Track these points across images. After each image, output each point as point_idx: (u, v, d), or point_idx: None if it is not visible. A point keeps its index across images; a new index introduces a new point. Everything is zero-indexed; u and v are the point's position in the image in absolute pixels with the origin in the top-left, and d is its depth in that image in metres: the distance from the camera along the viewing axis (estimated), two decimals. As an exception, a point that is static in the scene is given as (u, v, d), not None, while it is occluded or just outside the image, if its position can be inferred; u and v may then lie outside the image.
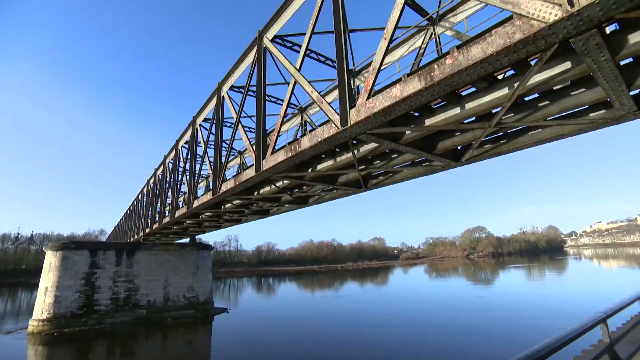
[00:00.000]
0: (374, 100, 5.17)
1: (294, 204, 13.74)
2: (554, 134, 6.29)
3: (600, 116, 5.57)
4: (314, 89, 6.63)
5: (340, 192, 11.56)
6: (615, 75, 4.09)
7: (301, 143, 7.00)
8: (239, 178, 10.14)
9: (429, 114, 6.08)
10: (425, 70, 4.45)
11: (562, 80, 4.64)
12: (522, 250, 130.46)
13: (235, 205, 14.44)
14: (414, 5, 7.83)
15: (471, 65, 3.97)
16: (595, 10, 3.06)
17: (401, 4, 4.91)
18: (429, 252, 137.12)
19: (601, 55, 3.74)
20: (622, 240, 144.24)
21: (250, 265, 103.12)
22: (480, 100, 5.29)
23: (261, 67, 8.76)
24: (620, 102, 4.80)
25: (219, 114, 11.84)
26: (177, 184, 18.00)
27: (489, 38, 3.81)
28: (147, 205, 26.28)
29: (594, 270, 59.64)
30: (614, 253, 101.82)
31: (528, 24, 3.48)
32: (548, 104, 5.46)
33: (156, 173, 23.68)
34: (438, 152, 7.19)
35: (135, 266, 27.39)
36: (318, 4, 6.71)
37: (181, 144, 17.57)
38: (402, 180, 9.50)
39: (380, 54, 5.09)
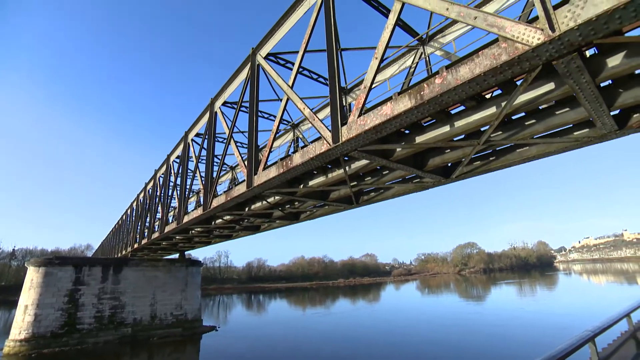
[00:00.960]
0: (365, 117, 5.25)
1: (286, 220, 13.65)
2: (540, 152, 6.44)
3: (584, 135, 5.74)
4: (306, 105, 6.71)
5: (332, 208, 11.54)
6: (596, 96, 4.25)
7: (293, 159, 7.01)
8: (230, 193, 10.06)
9: (419, 132, 6.19)
10: (415, 89, 4.55)
11: (546, 100, 4.79)
12: (513, 266, 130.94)
13: (226, 220, 14.28)
14: (404, 26, 8.08)
15: (460, 85, 4.07)
16: (575, 35, 3.21)
17: (392, 25, 5.08)
18: (421, 268, 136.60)
19: (582, 77, 3.89)
20: (609, 255, 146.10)
21: (240, 281, 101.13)
22: (469, 119, 5.41)
23: (254, 83, 8.85)
24: (602, 122, 4.97)
25: (212, 129, 11.84)
26: (168, 199, 17.76)
27: (476, 59, 3.93)
28: (136, 219, 25.80)
29: (584, 286, 60.03)
30: (603, 268, 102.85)
31: (513, 47, 3.61)
32: (534, 123, 5.62)
33: (146, 187, 23.38)
34: (428, 169, 7.28)
35: (122, 282, 26.55)
36: (311, 23, 6.88)
37: (172, 159, 17.46)
38: (393, 196, 9.55)
39: (371, 72, 5.20)
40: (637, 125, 5.23)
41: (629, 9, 2.87)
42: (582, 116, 5.11)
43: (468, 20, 4.05)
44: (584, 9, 3.08)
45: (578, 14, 3.12)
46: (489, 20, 3.83)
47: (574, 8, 3.15)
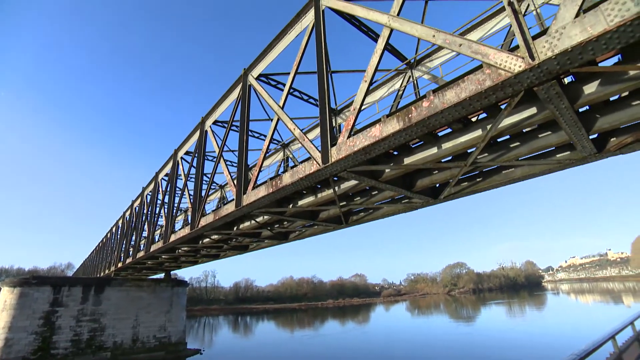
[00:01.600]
0: (354, 139, 5.32)
1: (274, 240, 13.48)
2: (525, 173, 6.61)
3: (566, 157, 5.93)
4: (297, 126, 6.78)
5: (321, 228, 11.47)
6: (575, 120, 4.43)
7: (283, 179, 7.02)
8: (219, 213, 9.94)
9: (407, 153, 6.28)
10: (404, 112, 4.66)
11: (530, 123, 4.96)
12: (502, 286, 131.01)
13: (214, 240, 14.03)
14: (392, 51, 8.35)
15: (446, 108, 4.20)
16: (553, 64, 3.38)
17: (380, 50, 5.25)
18: (411, 288, 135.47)
19: (561, 102, 4.06)
20: (595, 274, 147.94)
21: (227, 302, 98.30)
22: (456, 141, 5.54)
23: (245, 103, 8.93)
24: (581, 145, 5.16)
25: (202, 148, 11.81)
26: (155, 217, 17.41)
27: (462, 84, 4.07)
28: (121, 238, 25.10)
29: (572, 306, 60.26)
30: (589, 288, 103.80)
31: (496, 73, 3.76)
32: (519, 145, 5.79)
33: (133, 205, 22.92)
34: (417, 189, 7.36)
35: (104, 303, 25.35)
36: (302, 46, 7.07)
37: (161, 176, 17.25)
38: (382, 216, 9.57)
39: (360, 95, 5.32)
40: (615, 149, 5.44)
41: (600, 41, 3.06)
42: (563, 139, 5.29)
43: (453, 47, 4.22)
44: (560, 40, 3.26)
45: (555, 44, 3.29)
46: (474, 48, 3.99)
47: (551, 39, 3.33)
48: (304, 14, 7.28)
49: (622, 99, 4.76)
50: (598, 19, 3.04)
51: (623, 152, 5.66)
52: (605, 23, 2.98)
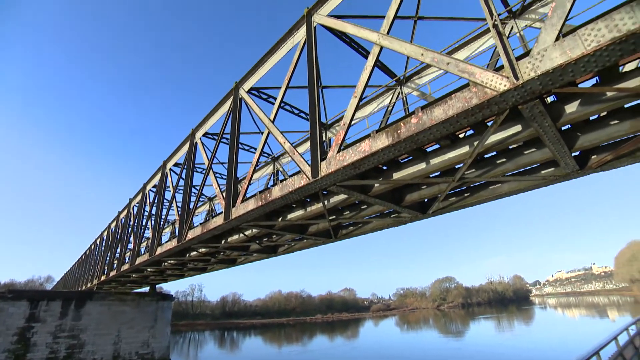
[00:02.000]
0: (344, 153, 5.36)
1: (263, 253, 13.32)
2: (512, 189, 6.73)
3: (550, 173, 6.08)
4: (287, 140, 6.80)
5: (310, 242, 11.40)
6: (558, 138, 4.57)
7: (272, 192, 6.99)
8: (207, 225, 9.80)
9: (396, 168, 6.35)
10: (393, 128, 4.73)
11: (515, 140, 5.08)
12: (490, 300, 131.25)
13: (201, 253, 13.77)
14: (382, 67, 8.52)
15: (434, 125, 4.28)
16: (536, 84, 3.51)
17: (370, 67, 5.36)
18: (400, 303, 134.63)
19: (545, 121, 4.19)
20: (581, 288, 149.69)
21: (213, 317, 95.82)
22: (444, 157, 5.63)
23: (236, 116, 8.94)
24: (565, 162, 5.30)
25: (191, 160, 11.71)
26: (141, 229, 17.04)
27: (449, 101, 4.17)
28: (105, 250, 24.39)
29: (560, 320, 60.67)
30: (576, 302, 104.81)
31: (482, 91, 3.87)
32: (505, 161, 5.91)
33: (119, 216, 22.41)
34: (406, 204, 7.41)
35: (84, 319, 24.25)
36: (294, 61, 7.17)
37: (149, 188, 16.97)
38: (371, 230, 9.58)
39: (350, 110, 5.40)
40: (596, 166, 5.61)
41: (579, 64, 3.20)
42: (547, 156, 5.43)
43: (441, 66, 4.34)
44: (542, 61, 3.39)
45: (537, 65, 3.42)
46: (460, 67, 4.11)
47: (534, 60, 3.46)
48: (296, 30, 7.41)
49: (601, 119, 4.94)
50: (576, 43, 3.18)
51: (604, 169, 5.84)
52: (583, 47, 3.12)
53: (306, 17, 6.98)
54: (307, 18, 6.95)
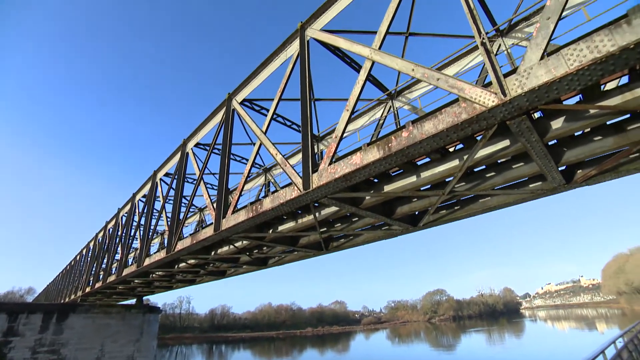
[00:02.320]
0: (335, 166, 5.38)
1: (253, 265, 13.15)
2: (501, 202, 6.82)
3: (538, 187, 6.19)
4: (278, 151, 6.81)
5: (301, 254, 11.31)
6: (545, 153, 4.67)
7: (263, 204, 6.95)
8: (197, 236, 9.66)
9: (387, 181, 6.39)
10: (384, 141, 4.78)
11: (504, 155, 5.17)
12: (481, 313, 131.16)
13: (190, 264, 13.53)
14: (374, 81, 8.66)
15: (425, 139, 4.33)
16: (523, 100, 3.60)
17: (362, 81, 5.44)
18: (391, 316, 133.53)
19: (532, 136, 4.28)
20: (570, 301, 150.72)
21: (202, 330, 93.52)
22: (434, 170, 5.69)
23: (228, 127, 8.94)
24: (552, 176, 5.41)
25: (182, 170, 11.61)
26: (129, 240, 16.70)
27: (439, 116, 4.24)
28: (91, 261, 23.75)
29: (550, 333, 60.87)
30: (565, 314, 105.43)
31: (472, 107, 3.95)
32: (494, 175, 6.00)
33: (107, 226, 21.96)
34: (397, 216, 7.44)
35: (66, 332, 23.18)
36: (287, 74, 7.24)
37: (138, 197, 16.72)
38: (362, 243, 9.57)
39: (342, 123, 5.45)
40: (581, 181, 5.74)
41: (563, 82, 3.32)
42: (535, 170, 5.54)
43: (431, 81, 4.43)
44: (528, 79, 3.49)
45: (524, 82, 3.52)
46: (450, 82, 4.20)
47: (520, 77, 3.56)
48: (289, 44, 7.51)
49: (586, 135, 5.07)
50: (560, 62, 3.29)
51: (589, 184, 5.97)
52: (566, 66, 3.23)
53: (300, 31, 7.08)
54: (301, 32, 7.05)
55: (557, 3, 3.46)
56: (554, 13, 3.46)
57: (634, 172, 5.55)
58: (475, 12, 4.27)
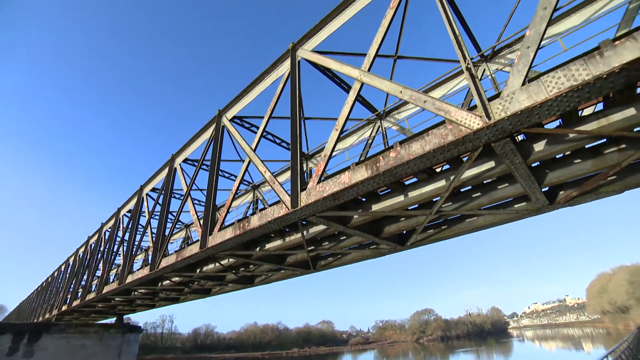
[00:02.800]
0: (324, 184, 5.40)
1: (239, 284, 12.87)
2: (487, 222, 6.91)
3: (523, 208, 6.31)
4: (267, 169, 6.81)
5: (288, 273, 11.14)
6: (529, 174, 4.79)
7: (250, 221, 6.87)
8: (182, 253, 9.44)
9: (375, 200, 6.42)
10: (372, 161, 4.84)
11: (489, 175, 5.28)
12: (469, 333, 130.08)
13: (174, 282, 13.16)
14: (363, 102, 8.83)
15: (412, 160, 4.41)
16: (506, 123, 3.72)
17: (351, 102, 5.54)
18: (379, 336, 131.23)
19: (516, 158, 4.40)
20: (556, 320, 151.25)
21: (184, 350, 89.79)
22: (421, 190, 5.75)
23: (217, 143, 8.92)
24: (535, 197, 5.54)
25: (169, 185, 11.45)
26: (112, 256, 16.16)
27: (426, 137, 4.33)
28: (70, 277, 22.80)
29: (537, 353, 60.68)
30: (552, 334, 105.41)
31: (458, 129, 4.05)
32: (480, 195, 6.10)
33: (89, 242, 21.26)
34: (384, 235, 7.44)
35: (37, 354, 21.63)
36: (277, 93, 7.34)
37: (123, 212, 16.33)
38: (350, 262, 9.50)
39: (331, 142, 5.50)
40: (563, 201, 5.88)
41: (543, 107, 3.47)
42: (520, 191, 5.66)
43: (419, 103, 4.54)
44: (511, 103, 3.63)
45: (507, 107, 3.65)
46: (437, 105, 4.32)
47: (504, 102, 3.69)
48: (281, 63, 7.64)
49: (566, 157, 5.24)
50: (540, 89, 3.43)
51: (571, 205, 6.12)
52: (546, 92, 3.38)
53: (291, 52, 7.23)
54: (292, 52, 7.20)
55: (536, 33, 3.64)
56: (533, 42, 3.64)
57: (612, 194, 5.72)
58: (460, 39, 4.45)
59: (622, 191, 5.61)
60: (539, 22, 3.65)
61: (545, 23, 3.61)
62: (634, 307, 57.67)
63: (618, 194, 5.72)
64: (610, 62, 3.09)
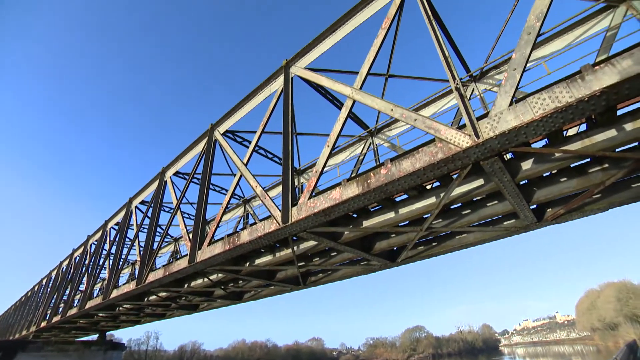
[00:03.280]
0: (315, 200, 5.40)
1: (228, 300, 12.59)
2: (477, 239, 6.96)
3: (512, 225, 6.38)
4: (259, 184, 6.79)
5: (278, 289, 10.97)
6: (517, 192, 4.87)
7: (240, 236, 6.79)
8: (170, 268, 9.23)
9: (366, 216, 6.43)
10: (363, 177, 4.87)
11: (478, 193, 5.35)
12: (460, 351, 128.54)
13: (161, 297, 12.81)
14: (355, 119, 8.94)
15: (402, 177, 4.45)
16: (494, 142, 3.80)
17: (343, 119, 5.61)
18: (369, 353, 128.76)
19: (504, 176, 4.48)
20: (547, 337, 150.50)
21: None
22: (412, 207, 5.79)
23: (209, 157, 8.88)
24: (524, 214, 5.62)
25: (159, 198, 11.29)
26: (97, 269, 15.68)
27: (417, 155, 4.39)
28: (51, 292, 21.97)
29: (528, 371, 60.18)
30: (543, 352, 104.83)
31: (447, 147, 4.12)
32: (469, 213, 6.15)
33: (73, 255, 20.63)
34: (375, 252, 7.42)
35: None
36: (270, 108, 7.40)
37: (111, 225, 15.96)
38: (341, 278, 9.41)
39: (323, 158, 5.53)
40: (551, 219, 5.97)
41: (530, 127, 3.57)
42: (508, 208, 5.73)
43: (409, 121, 4.61)
44: (499, 123, 3.72)
45: (495, 126, 3.74)
46: (427, 123, 4.40)
47: (492, 122, 3.78)
48: (274, 79, 7.73)
49: (553, 176, 5.35)
50: (527, 109, 3.54)
51: (559, 222, 6.21)
52: (532, 113, 3.48)
53: (284, 68, 7.33)
54: (285, 69, 7.30)
55: (521, 56, 3.77)
56: (519, 65, 3.77)
57: (597, 212, 5.84)
58: (449, 60, 4.58)
59: (607, 209, 5.73)
60: (524, 46, 3.79)
61: (530, 47, 3.75)
62: (623, 324, 57.89)
63: (603, 211, 5.84)
64: (591, 86, 3.21)
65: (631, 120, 4.09)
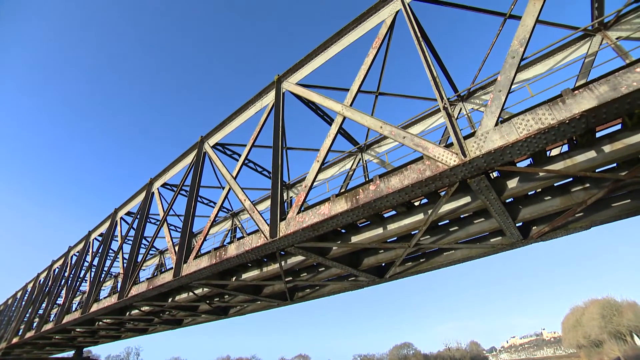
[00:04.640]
0: (303, 215, 5.38)
1: (213, 315, 12.27)
2: (464, 256, 7.01)
3: (498, 242, 6.46)
4: (247, 197, 6.75)
5: (265, 304, 10.76)
6: (503, 210, 4.95)
7: (228, 250, 6.69)
8: (154, 282, 8.98)
9: (355, 232, 6.43)
10: (352, 193, 4.89)
11: (465, 210, 5.42)
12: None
13: (144, 312, 12.38)
14: (345, 134, 9.04)
15: (391, 193, 4.49)
16: (481, 161, 3.89)
17: (333, 134, 5.67)
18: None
19: (490, 194, 4.56)
20: (534, 355, 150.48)
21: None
22: (400, 223, 5.82)
23: (198, 169, 8.82)
24: (510, 232, 5.70)
25: (145, 209, 11.08)
26: (77, 282, 15.10)
27: (405, 172, 4.45)
28: (26, 305, 21.02)
29: (516, 390, 59.83)
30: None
31: (435, 165, 4.19)
32: (457, 229, 6.21)
33: (52, 266, 19.85)
34: (363, 268, 7.39)
35: None
36: (260, 122, 7.44)
37: (94, 236, 15.51)
38: (328, 294, 9.31)
39: (312, 173, 5.55)
40: (537, 236, 6.07)
41: (515, 147, 3.67)
42: (495, 226, 5.82)
43: (398, 139, 4.69)
44: (485, 142, 3.81)
45: (481, 145, 3.83)
46: (415, 141, 4.48)
47: (478, 141, 3.87)
48: (265, 94, 7.79)
49: (537, 194, 5.48)
50: (512, 130, 3.64)
51: (544, 240, 6.32)
52: (517, 134, 3.59)
53: (276, 83, 7.41)
54: (277, 84, 7.38)
55: (506, 79, 3.91)
56: (504, 87, 3.90)
57: (580, 230, 5.97)
58: (437, 80, 4.71)
59: (589, 227, 5.87)
60: (509, 69, 3.93)
61: (514, 70, 3.89)
62: (607, 341, 58.43)
63: (586, 229, 5.97)
64: (571, 109, 3.34)
65: (609, 143, 4.25)
